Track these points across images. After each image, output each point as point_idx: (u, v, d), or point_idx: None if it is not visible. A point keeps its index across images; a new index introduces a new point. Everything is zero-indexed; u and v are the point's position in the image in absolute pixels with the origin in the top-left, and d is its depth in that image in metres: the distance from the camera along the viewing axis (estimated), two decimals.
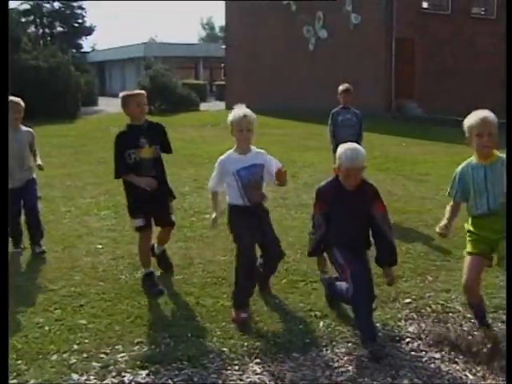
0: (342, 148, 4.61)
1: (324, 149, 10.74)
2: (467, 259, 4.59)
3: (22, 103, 6.68)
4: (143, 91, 5.82)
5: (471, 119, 4.39)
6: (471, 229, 4.63)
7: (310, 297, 5.44)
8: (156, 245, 6.03)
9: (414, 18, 26.26)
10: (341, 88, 8.55)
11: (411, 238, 7.33)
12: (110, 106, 33.51)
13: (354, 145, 4.66)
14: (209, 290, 5.62)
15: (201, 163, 12.94)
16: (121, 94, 5.74)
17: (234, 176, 4.99)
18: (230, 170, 5.02)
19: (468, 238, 4.64)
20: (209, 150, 14.82)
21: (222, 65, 43.33)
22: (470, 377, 4.07)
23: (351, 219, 4.65)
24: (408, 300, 5.40)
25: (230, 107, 5.06)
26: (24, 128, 6.85)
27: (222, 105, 35.50)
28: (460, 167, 4.59)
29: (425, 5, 27.47)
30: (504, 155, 4.39)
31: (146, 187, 5.47)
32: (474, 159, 4.52)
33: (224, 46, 37.73)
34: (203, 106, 34.98)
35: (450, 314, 5.12)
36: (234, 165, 5.01)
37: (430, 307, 5.25)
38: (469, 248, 4.61)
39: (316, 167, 12.42)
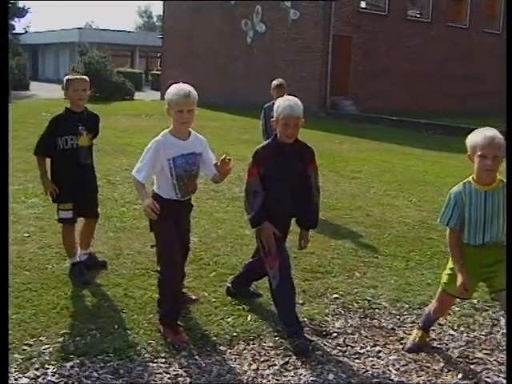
0: (279, 100, 4.53)
1: (257, 143, 10.76)
2: (442, 291, 4.37)
3: None
4: (85, 77, 5.63)
5: (477, 136, 3.94)
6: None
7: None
8: (80, 251, 5.80)
9: (351, 16, 26.59)
10: (274, 83, 8.53)
11: (341, 235, 7.42)
12: (42, 90, 32.82)
13: (292, 96, 4.57)
14: (137, 281, 5.56)
15: (133, 153, 12.75)
16: (64, 77, 5.62)
17: (169, 164, 4.35)
18: (164, 156, 4.34)
19: (449, 272, 4.26)
20: (142, 140, 14.58)
21: (159, 54, 42.88)
22: (394, 372, 4.16)
23: (289, 181, 4.54)
24: (336, 295, 5.46)
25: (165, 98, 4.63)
26: None
27: (157, 95, 35.16)
28: (455, 189, 4.10)
29: (363, 4, 27.84)
30: (503, 178, 4.06)
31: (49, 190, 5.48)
32: (472, 181, 4.06)
33: (161, 36, 37.35)
34: (138, 96, 34.56)
35: (377, 310, 5.21)
36: (170, 150, 4.35)
37: (357, 303, 5.33)
38: (447, 284, 4.28)
39: (248, 161, 12.39)
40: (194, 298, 5.14)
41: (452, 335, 4.81)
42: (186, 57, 32.86)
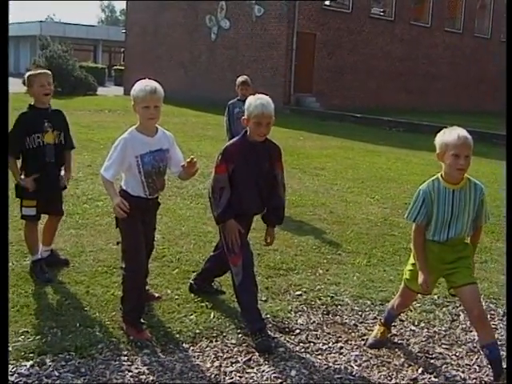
0: (251, 98, 4.51)
1: (221, 139, 10.74)
2: (404, 287, 4.41)
3: None
4: (48, 71, 5.51)
5: (449, 136, 3.96)
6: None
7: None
8: (42, 248, 5.73)
9: (316, 13, 26.70)
10: (239, 80, 8.52)
11: (304, 232, 7.45)
12: None
13: (263, 95, 4.55)
14: (99, 278, 5.51)
15: (96, 149, 12.67)
16: (26, 74, 5.52)
17: (137, 161, 4.33)
18: (132, 153, 4.32)
19: (410, 267, 4.31)
20: (105, 135, 14.54)
21: (122, 49, 42.53)
22: (355, 367, 4.20)
23: (257, 179, 4.57)
24: (299, 292, 5.49)
25: (128, 93, 4.56)
26: None
27: (120, 90, 34.89)
28: (424, 187, 4.12)
29: (327, 2, 27.96)
30: (474, 179, 4.13)
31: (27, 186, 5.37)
32: (440, 179, 4.09)
33: (124, 31, 37.06)
34: (101, 91, 34.24)
35: (339, 307, 5.24)
36: (137, 147, 4.33)
37: (320, 299, 5.36)
38: (409, 280, 4.33)
39: (213, 158, 12.31)
40: (156, 295, 5.12)
41: (413, 331, 4.88)
42: (150, 52, 32.68)
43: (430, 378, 4.12)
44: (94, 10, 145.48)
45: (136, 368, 4.02)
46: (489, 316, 5.13)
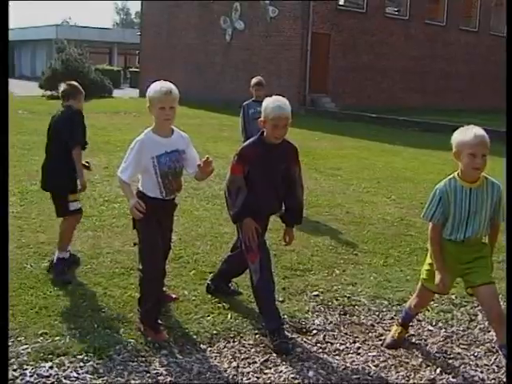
0: (268, 100, 4.53)
1: (237, 141, 10.77)
2: (421, 287, 4.42)
3: None
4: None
5: (466, 135, 3.97)
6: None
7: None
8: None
9: (330, 13, 26.67)
10: (253, 81, 8.53)
11: (320, 232, 7.45)
12: (18, 88, 32.45)
13: (280, 97, 4.57)
14: (117, 280, 5.54)
15: (112, 151, 12.72)
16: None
17: (153, 162, 4.35)
18: (148, 155, 4.34)
19: (428, 267, 4.30)
20: (121, 137, 14.59)
21: (137, 52, 42.68)
22: (373, 368, 4.19)
23: (273, 179, 4.59)
24: (315, 293, 5.49)
25: (144, 95, 4.56)
26: None
27: (135, 92, 35.02)
28: (441, 186, 4.11)
29: (341, 1, 27.92)
30: (492, 178, 4.12)
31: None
32: (457, 178, 4.09)
33: (139, 33, 37.20)
34: (116, 93, 34.39)
35: (356, 307, 5.23)
36: (153, 149, 4.35)
37: (337, 300, 5.36)
38: (426, 280, 4.33)
39: (229, 159, 12.33)
40: (174, 296, 5.14)
41: (430, 331, 4.86)
42: (165, 54, 32.78)
43: (448, 379, 4.10)
44: (109, 13, 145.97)
45: (154, 369, 4.03)
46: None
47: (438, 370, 4.20)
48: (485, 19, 33.89)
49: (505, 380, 4.08)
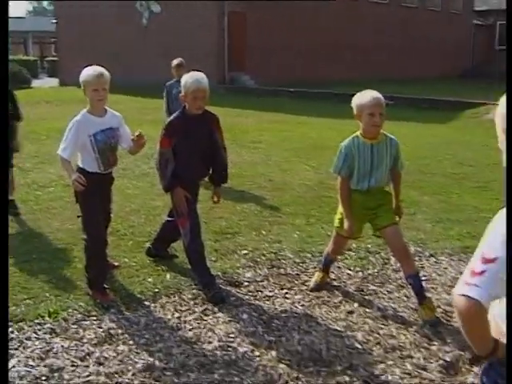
0: (186, 76, 5.04)
1: (161, 122, 11.19)
2: (335, 234, 5.01)
3: None
4: None
5: (364, 98, 4.50)
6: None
7: None
8: None
9: None
10: (174, 62, 8.99)
11: (245, 200, 8.00)
12: None
13: (197, 72, 5.08)
14: (61, 255, 5.94)
15: (38, 139, 12.89)
16: None
17: (91, 140, 4.78)
18: (85, 133, 4.76)
19: (339, 216, 4.85)
20: (46, 126, 14.73)
21: (53, 40, 42.05)
22: (299, 307, 4.78)
23: (198, 148, 5.07)
24: (245, 251, 6.04)
25: (64, 84, 5.02)
26: None
27: (55, 82, 34.67)
28: (346, 143, 4.65)
29: None
30: (389, 135, 4.72)
31: None
32: (359, 136, 4.63)
33: (55, 21, 36.68)
34: (35, 83, 33.94)
35: (282, 261, 5.81)
36: (90, 127, 4.78)
37: (265, 256, 5.93)
38: (338, 227, 4.89)
39: (154, 140, 12.72)
40: (116, 264, 5.59)
41: (349, 274, 5.49)
42: (83, 41, 32.50)
43: (364, 310, 4.74)
44: (21, 0, 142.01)
45: (105, 325, 4.50)
46: (417, 257, 5.83)
47: (356, 305, 4.84)
48: None
49: (412, 306, 4.75)
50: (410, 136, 13.42)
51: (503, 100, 1.92)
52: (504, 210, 1.83)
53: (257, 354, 4.07)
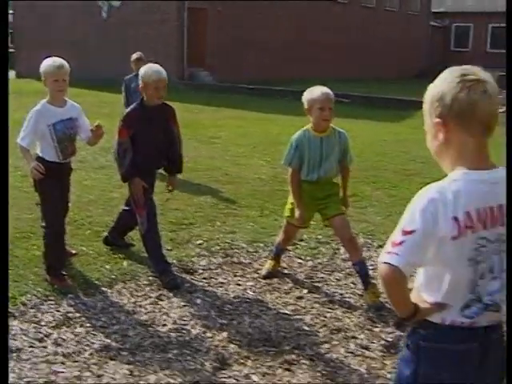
0: (145, 67, 5.25)
1: (118, 115, 11.31)
2: (286, 223, 5.26)
3: None
4: None
5: (314, 93, 4.77)
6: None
7: None
8: None
9: None
10: (134, 56, 9.14)
11: (201, 192, 8.19)
12: None
13: (155, 64, 5.29)
14: (19, 243, 6.02)
15: None
16: None
17: (50, 129, 4.91)
18: (44, 123, 4.91)
19: (290, 206, 5.09)
20: None
21: (10, 32, 41.48)
22: (251, 293, 4.99)
23: (156, 138, 5.25)
24: (200, 241, 6.22)
25: (21, 76, 5.15)
26: None
27: (12, 74, 34.26)
28: (296, 136, 4.91)
29: None
30: (339, 128, 4.99)
31: None
32: (310, 129, 4.89)
33: (11, 11, 36.23)
34: None
35: (236, 250, 6.02)
36: (49, 117, 4.92)
37: (219, 245, 6.13)
38: (289, 217, 5.13)
39: (112, 133, 12.83)
40: (73, 252, 5.73)
41: (300, 263, 5.73)
42: (40, 33, 32.20)
43: (313, 295, 4.98)
44: None
45: (63, 309, 4.66)
46: (365, 248, 6.09)
47: (306, 291, 5.08)
48: None
49: (358, 292, 5.00)
50: (365, 133, 13.76)
51: (431, 86, 2.16)
52: (422, 190, 2.07)
53: (209, 335, 4.27)
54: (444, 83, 2.09)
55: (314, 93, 4.80)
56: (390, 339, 4.21)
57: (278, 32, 30.44)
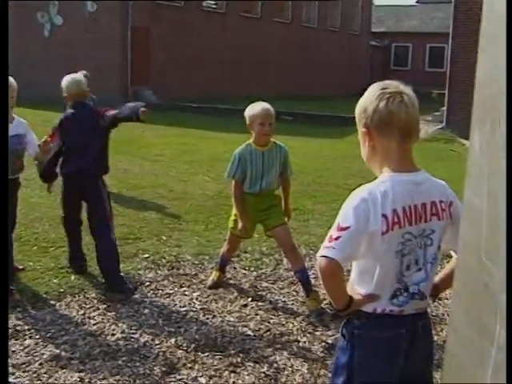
0: (65, 78, 5.63)
1: None
2: (230, 234, 5.45)
3: None
4: None
5: (255, 109, 4.98)
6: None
7: (60, 258, 6.11)
8: None
9: (149, 7, 27.29)
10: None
11: (147, 208, 8.31)
12: None
13: (74, 74, 5.78)
14: None
15: None
16: None
17: None
18: None
19: (233, 217, 5.26)
20: None
21: None
22: (197, 302, 5.15)
23: (88, 143, 5.43)
24: (146, 255, 6.35)
25: None
26: None
27: None
28: (239, 150, 5.12)
29: None
30: (279, 142, 5.22)
31: None
32: (252, 144, 5.10)
33: None
34: None
35: (182, 263, 6.17)
36: None
37: (165, 259, 6.26)
38: (233, 228, 5.30)
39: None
40: (20, 267, 5.78)
41: (244, 273, 5.91)
42: None
43: (257, 303, 5.17)
44: None
45: (12, 322, 4.70)
46: (308, 258, 6.29)
47: (250, 299, 5.26)
48: (296, 11, 35.99)
49: (300, 299, 5.21)
50: (307, 150, 14.10)
51: (359, 100, 2.42)
52: (355, 191, 2.29)
53: (157, 342, 4.41)
54: (368, 97, 2.34)
55: (254, 109, 5.02)
56: (331, 341, 4.42)
57: (222, 51, 30.76)
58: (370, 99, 2.33)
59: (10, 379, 3.92)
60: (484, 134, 1.24)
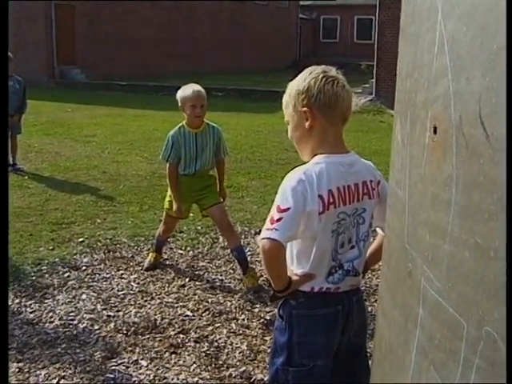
0: None
1: None
2: (165, 215, 5.45)
3: None
4: None
5: (186, 91, 4.94)
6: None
7: None
8: None
9: None
10: None
11: (81, 191, 8.22)
12: None
13: None
14: None
15: None
16: None
17: None
18: None
19: (169, 198, 5.26)
20: None
21: None
22: (135, 285, 5.15)
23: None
24: (81, 239, 6.28)
25: None
26: None
27: None
28: (172, 132, 5.08)
29: None
30: (212, 123, 5.20)
31: None
32: (185, 126, 5.07)
33: None
34: None
35: (118, 245, 6.14)
36: None
37: (100, 242, 6.21)
38: (168, 209, 5.30)
39: None
40: None
41: (181, 254, 5.93)
42: None
43: (195, 283, 5.20)
44: None
45: None
46: (243, 236, 6.36)
47: (187, 279, 5.28)
48: None
49: (238, 277, 5.27)
50: (239, 126, 14.14)
51: (293, 81, 2.45)
52: (290, 173, 2.34)
53: (96, 327, 4.40)
54: (308, 77, 2.38)
55: (186, 91, 5.00)
56: (269, 318, 4.49)
57: (150, 27, 30.37)
58: (313, 80, 2.36)
59: None
60: (405, 128, 1.28)
